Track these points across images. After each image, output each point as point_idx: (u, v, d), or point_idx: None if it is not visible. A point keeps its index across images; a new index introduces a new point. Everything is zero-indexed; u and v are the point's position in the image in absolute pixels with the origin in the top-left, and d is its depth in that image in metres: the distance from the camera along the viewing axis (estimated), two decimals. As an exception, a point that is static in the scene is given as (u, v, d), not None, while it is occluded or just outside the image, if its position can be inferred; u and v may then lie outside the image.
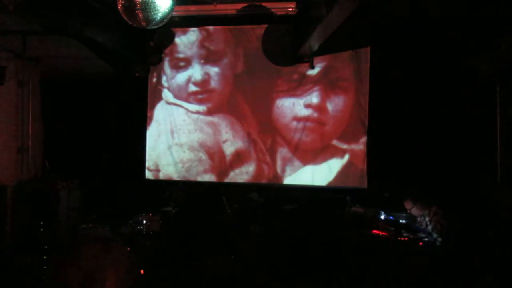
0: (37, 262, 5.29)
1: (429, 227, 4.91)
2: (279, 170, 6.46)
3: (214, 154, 6.65)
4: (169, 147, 6.80)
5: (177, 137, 6.78)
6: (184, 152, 6.75)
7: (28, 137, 6.39)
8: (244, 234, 5.65)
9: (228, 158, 6.61)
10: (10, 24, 5.16)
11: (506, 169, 5.42)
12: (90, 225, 5.66)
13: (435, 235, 4.83)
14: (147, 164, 6.86)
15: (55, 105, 6.81)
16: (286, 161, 6.44)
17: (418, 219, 5.09)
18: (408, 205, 5.13)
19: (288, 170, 6.44)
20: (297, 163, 6.41)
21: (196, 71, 6.71)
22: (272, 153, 6.49)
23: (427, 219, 4.96)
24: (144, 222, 5.73)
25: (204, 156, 6.69)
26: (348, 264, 4.99)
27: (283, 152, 6.46)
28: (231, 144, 6.60)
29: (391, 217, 5.20)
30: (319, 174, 6.34)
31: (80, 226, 5.62)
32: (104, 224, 5.66)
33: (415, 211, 5.10)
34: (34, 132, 6.48)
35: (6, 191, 5.86)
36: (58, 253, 1.48)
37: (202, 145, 6.69)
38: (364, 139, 6.18)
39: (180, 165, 6.76)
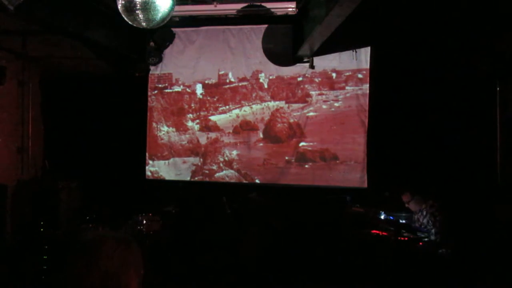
0: (37, 262, 5.30)
1: (425, 221, 4.93)
2: (279, 170, 6.46)
3: (215, 154, 6.65)
4: (170, 147, 6.81)
5: (177, 137, 6.79)
6: (185, 152, 6.76)
7: (28, 137, 6.39)
8: (244, 234, 5.65)
9: (228, 158, 6.61)
10: (10, 24, 5.16)
11: (506, 169, 5.43)
12: (90, 225, 5.66)
13: (430, 229, 4.85)
14: (147, 164, 6.86)
15: (55, 105, 6.81)
16: (286, 161, 6.44)
17: (416, 216, 5.10)
18: (406, 198, 5.14)
19: (288, 170, 6.43)
20: (297, 163, 6.41)
21: (196, 72, 6.71)
22: (273, 153, 6.48)
23: (424, 213, 4.98)
24: (144, 222, 5.72)
25: (204, 157, 6.70)
26: (348, 264, 4.99)
27: (283, 152, 6.45)
28: (232, 144, 6.60)
29: (391, 217, 5.21)
30: (319, 174, 6.34)
31: (80, 226, 5.62)
32: (104, 224, 5.66)
33: (412, 205, 5.11)
34: (34, 132, 6.48)
35: (6, 191, 5.86)
36: (78, 254, 1.43)
37: (203, 146, 6.69)
38: (364, 139, 6.17)
39: (180, 165, 6.77)
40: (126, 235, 1.52)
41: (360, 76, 6.21)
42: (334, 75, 6.30)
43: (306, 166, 6.36)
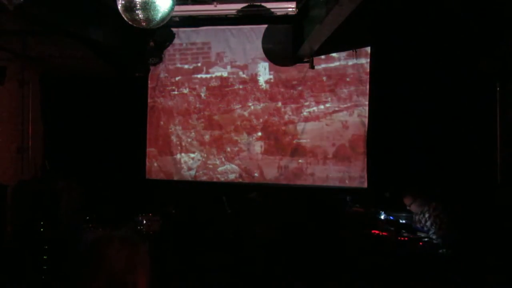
0: (37, 262, 5.30)
1: (428, 223, 4.93)
2: (279, 170, 6.49)
3: (215, 154, 6.70)
4: (169, 147, 6.84)
5: (177, 137, 6.82)
6: (185, 152, 6.79)
7: (28, 137, 6.38)
8: (244, 234, 5.65)
9: (228, 158, 6.65)
10: (10, 24, 5.15)
11: (506, 169, 5.43)
12: (90, 225, 5.65)
13: (432, 231, 4.84)
14: (147, 164, 6.88)
15: (55, 105, 6.80)
16: (286, 161, 6.47)
17: (417, 217, 5.10)
18: (407, 200, 5.14)
19: (288, 170, 6.46)
20: (297, 163, 6.43)
21: (197, 72, 6.72)
22: (273, 153, 6.52)
23: (426, 215, 4.97)
24: (144, 222, 5.73)
25: (204, 157, 6.74)
26: (348, 264, 4.99)
27: (283, 152, 6.50)
28: (232, 144, 6.65)
29: (391, 217, 5.21)
30: (319, 174, 6.36)
31: (80, 226, 5.62)
32: (104, 224, 5.66)
33: (414, 207, 5.11)
34: (34, 132, 6.47)
35: (6, 191, 5.84)
36: (83, 257, 1.42)
37: (203, 145, 6.74)
38: (364, 139, 6.18)
39: (180, 165, 6.81)
40: (132, 234, 1.51)
41: (360, 76, 6.22)
42: (335, 74, 6.32)
43: (300, 161, 6.43)
